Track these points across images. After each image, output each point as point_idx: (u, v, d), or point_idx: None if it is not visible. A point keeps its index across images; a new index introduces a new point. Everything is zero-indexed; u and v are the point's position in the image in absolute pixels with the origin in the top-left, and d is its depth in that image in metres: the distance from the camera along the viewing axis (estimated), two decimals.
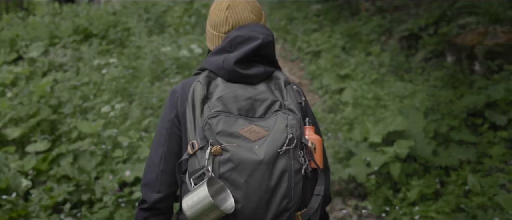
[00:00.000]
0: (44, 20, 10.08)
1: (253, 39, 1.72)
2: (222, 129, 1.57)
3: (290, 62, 9.33)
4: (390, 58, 7.72)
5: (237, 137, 1.57)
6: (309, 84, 8.06)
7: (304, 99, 1.80)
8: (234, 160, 1.54)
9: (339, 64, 8.05)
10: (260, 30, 1.76)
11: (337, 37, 9.29)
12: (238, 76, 1.70)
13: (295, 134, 1.60)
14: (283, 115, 1.63)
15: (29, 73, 7.54)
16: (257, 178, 1.54)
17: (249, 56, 1.72)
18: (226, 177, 1.55)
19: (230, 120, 1.60)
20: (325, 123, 6.24)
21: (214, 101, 1.64)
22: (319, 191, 1.69)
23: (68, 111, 5.94)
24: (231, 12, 1.83)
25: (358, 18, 10.28)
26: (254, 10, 1.88)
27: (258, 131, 1.59)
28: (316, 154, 1.68)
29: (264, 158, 1.54)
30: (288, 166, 1.57)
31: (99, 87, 6.67)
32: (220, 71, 1.72)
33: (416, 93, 6.10)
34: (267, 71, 1.76)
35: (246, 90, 1.68)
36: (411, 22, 8.37)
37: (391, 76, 7.26)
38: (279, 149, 1.56)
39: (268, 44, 1.75)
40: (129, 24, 9.48)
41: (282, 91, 1.73)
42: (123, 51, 8.17)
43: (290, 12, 12.40)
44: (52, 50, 8.37)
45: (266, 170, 1.54)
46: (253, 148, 1.56)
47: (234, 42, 1.74)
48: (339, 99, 6.83)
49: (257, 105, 1.66)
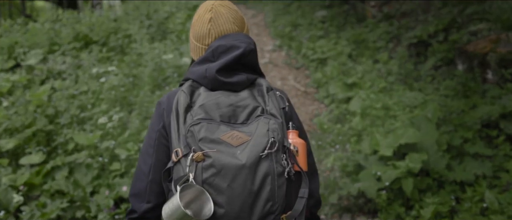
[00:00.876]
0: (44, 26, 9.88)
1: (235, 48, 1.75)
2: (204, 135, 1.59)
3: (295, 69, 9.10)
4: (399, 66, 7.48)
5: (219, 143, 1.58)
6: (314, 92, 7.82)
7: (288, 104, 1.81)
8: (216, 166, 1.55)
9: (345, 72, 7.82)
10: (242, 39, 1.79)
11: (344, 44, 9.07)
12: (221, 84, 1.72)
13: (276, 137, 1.61)
14: (264, 120, 1.64)
15: (27, 81, 7.34)
16: (240, 182, 1.55)
17: (232, 65, 1.74)
18: (209, 183, 1.55)
19: (212, 126, 1.61)
20: (332, 134, 6.01)
21: (197, 109, 1.66)
22: (303, 194, 1.68)
23: (65, 121, 5.72)
24: (214, 25, 1.86)
25: (364, 24, 10.06)
26: (237, 21, 1.90)
27: (240, 136, 1.60)
28: (299, 157, 1.69)
29: (246, 162, 1.55)
30: (271, 169, 1.58)
31: (98, 96, 6.45)
32: (203, 80, 1.74)
33: (427, 103, 5.85)
34: (250, 78, 1.77)
35: (228, 97, 1.70)
36: (419, 28, 8.13)
37: (400, 85, 7.02)
38: (261, 152, 1.57)
39: (250, 53, 1.77)
40: (131, 31, 9.28)
41: (264, 97, 1.74)
42: (123, 59, 7.95)
43: (295, 19, 12.19)
44: (51, 58, 8.16)
45: (248, 174, 1.55)
46: (235, 153, 1.57)
47: (216, 51, 1.77)
48: (347, 109, 6.60)
49: (239, 111, 1.68)
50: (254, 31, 12.37)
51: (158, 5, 11.48)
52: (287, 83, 8.36)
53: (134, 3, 11.96)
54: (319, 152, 5.67)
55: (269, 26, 12.70)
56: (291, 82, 8.40)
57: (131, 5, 11.74)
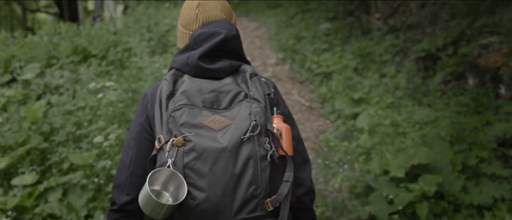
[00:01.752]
0: (43, 39, 9.66)
1: (216, 34, 1.76)
2: (186, 120, 1.58)
3: (299, 84, 8.86)
4: (406, 80, 7.24)
5: (200, 128, 1.57)
6: (320, 107, 7.58)
7: (273, 90, 1.80)
8: (197, 150, 1.54)
9: (351, 87, 7.58)
10: (223, 25, 1.80)
11: (349, 58, 8.84)
12: (203, 71, 1.72)
13: (259, 121, 1.60)
14: (247, 103, 1.64)
15: (23, 97, 7.11)
16: (221, 166, 1.53)
17: (214, 51, 1.75)
18: (191, 167, 1.54)
19: (194, 112, 1.61)
20: (339, 152, 5.76)
21: (179, 95, 1.66)
22: (288, 177, 1.65)
23: (61, 139, 5.47)
24: (202, 10, 1.87)
25: (369, 37, 9.83)
26: (224, 9, 1.91)
27: (222, 120, 1.60)
28: (284, 141, 1.68)
29: (227, 145, 1.54)
30: (253, 152, 1.56)
31: (95, 112, 6.21)
32: (185, 68, 1.74)
33: (438, 119, 5.61)
34: (233, 65, 1.77)
35: (211, 83, 1.70)
36: (427, 41, 7.90)
37: (408, 100, 6.78)
38: (243, 136, 1.56)
39: (233, 38, 1.78)
40: (131, 44, 9.05)
41: (248, 82, 1.73)
42: (122, 73, 7.72)
43: (298, 31, 11.97)
44: (49, 72, 7.94)
45: (229, 157, 1.54)
46: (216, 137, 1.56)
47: (198, 39, 1.78)
48: (354, 125, 6.35)
49: (221, 96, 1.67)
50: (257, 44, 12.16)
51: (159, 18, 11.27)
52: (291, 98, 8.12)
53: (135, 15, 11.76)
54: (325, 171, 5.41)
55: (272, 38, 12.49)
56: (295, 96, 8.16)
57: (132, 18, 11.53)
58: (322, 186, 5.13)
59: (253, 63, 10.22)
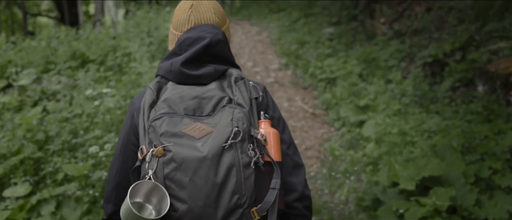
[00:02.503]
0: (41, 44, 9.47)
1: (201, 39, 1.71)
2: (166, 130, 1.53)
3: (303, 89, 8.65)
4: (413, 87, 7.03)
5: (180, 137, 1.52)
6: (324, 114, 7.37)
7: (262, 94, 1.73)
8: (176, 160, 1.49)
9: (356, 93, 7.37)
10: (209, 29, 1.76)
11: (353, 63, 8.63)
12: (187, 77, 1.67)
13: (241, 127, 1.53)
14: (229, 109, 1.58)
15: (19, 103, 6.91)
16: (202, 175, 1.47)
17: (198, 56, 1.70)
18: (171, 178, 1.49)
19: (174, 120, 1.56)
20: (345, 162, 5.54)
21: (160, 103, 1.62)
22: (274, 184, 1.58)
23: (55, 147, 5.27)
24: (194, 11, 1.84)
25: (374, 42, 9.63)
26: (218, 13, 1.87)
27: (203, 128, 1.54)
28: (270, 147, 1.61)
29: (207, 154, 1.48)
30: (235, 160, 1.50)
31: (92, 119, 6.01)
32: (169, 75, 1.70)
33: (448, 128, 5.40)
34: (218, 69, 1.71)
35: (193, 89, 1.65)
36: (434, 47, 7.69)
37: (416, 107, 6.56)
38: (224, 143, 1.49)
39: (218, 43, 1.73)
40: (130, 49, 8.85)
41: (232, 87, 1.67)
42: (121, 78, 7.52)
43: (301, 36, 11.77)
44: (46, 77, 7.74)
45: (210, 166, 1.48)
46: (196, 146, 1.50)
47: (183, 44, 1.73)
48: (359, 133, 6.14)
49: (204, 103, 1.62)
50: (259, 49, 11.96)
51: (160, 22, 11.07)
52: (294, 104, 7.92)
53: (135, 19, 11.57)
54: (331, 182, 5.20)
55: (275, 43, 12.28)
56: (298, 103, 7.96)
57: (132, 22, 11.34)
58: (328, 198, 4.92)
59: (255, 69, 10.02)
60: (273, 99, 1.83)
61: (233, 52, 11.66)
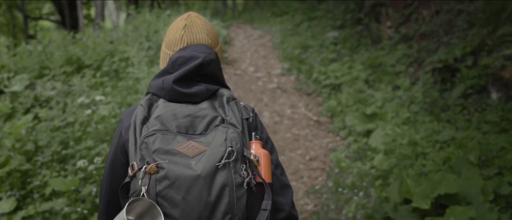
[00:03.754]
0: (36, 48, 9.18)
1: (194, 58, 1.71)
2: (159, 147, 1.51)
3: (306, 96, 8.33)
4: (422, 94, 6.71)
5: (174, 154, 1.50)
6: (329, 122, 7.05)
7: (252, 115, 1.74)
8: (170, 177, 1.46)
9: (363, 100, 7.05)
10: (201, 49, 1.76)
11: (359, 68, 8.31)
12: (179, 95, 1.67)
13: (235, 147, 1.52)
14: (223, 129, 1.57)
15: (10, 110, 6.62)
16: (195, 194, 1.45)
17: (190, 75, 1.70)
18: (163, 195, 1.46)
19: (167, 137, 1.54)
20: (352, 175, 5.23)
21: (152, 120, 1.60)
22: (266, 205, 1.57)
23: (45, 159, 4.97)
24: (187, 32, 1.84)
25: (380, 46, 9.31)
26: (210, 34, 1.88)
27: (196, 146, 1.53)
28: (261, 168, 1.60)
29: (201, 173, 1.45)
30: (229, 180, 1.48)
31: (85, 128, 5.71)
32: (161, 92, 1.70)
33: (461, 139, 5.07)
34: (210, 89, 1.72)
35: (186, 108, 1.64)
36: (443, 51, 7.37)
37: (426, 115, 6.24)
38: (218, 162, 1.48)
39: (211, 63, 1.73)
40: (128, 54, 8.55)
41: (224, 107, 1.67)
42: (118, 84, 7.22)
43: (304, 40, 11.46)
44: (39, 83, 7.45)
45: (204, 185, 1.45)
46: (190, 164, 1.48)
47: (176, 63, 1.73)
48: (367, 143, 5.82)
49: (197, 122, 1.61)
50: (261, 53, 11.65)
51: (159, 26, 10.76)
52: (297, 111, 7.60)
53: (134, 23, 11.27)
54: (337, 197, 4.88)
55: (277, 48, 11.97)
56: (302, 110, 7.64)
57: (130, 26, 11.04)
58: (334, 214, 4.60)
59: (257, 74, 9.71)
60: (261, 121, 1.83)
61: (235, 56, 11.38)
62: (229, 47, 12.56)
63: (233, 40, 13.46)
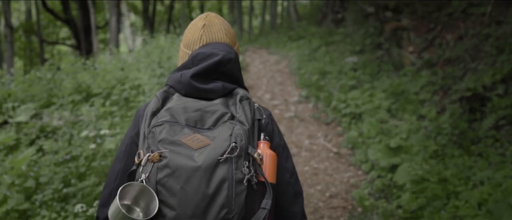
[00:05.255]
0: (45, 76, 8.91)
1: (213, 55, 1.71)
2: (165, 137, 1.53)
3: (325, 125, 7.93)
4: (450, 124, 6.27)
5: (178, 145, 1.51)
6: (349, 154, 6.63)
7: (266, 118, 1.73)
8: (171, 166, 1.48)
9: (386, 131, 6.63)
10: (221, 47, 1.75)
11: (380, 96, 7.90)
12: (195, 90, 1.67)
13: (239, 143, 1.51)
14: (229, 124, 1.57)
15: (15, 141, 6.31)
16: (193, 185, 1.46)
17: (208, 72, 1.70)
18: (163, 184, 1.49)
19: (174, 129, 1.56)
20: (377, 215, 4.79)
21: (163, 112, 1.62)
22: (265, 204, 1.56)
23: (45, 198, 4.62)
24: (206, 31, 1.84)
25: (402, 73, 8.90)
26: (229, 33, 1.88)
27: (201, 139, 1.53)
28: (265, 167, 1.58)
29: (202, 165, 1.47)
30: (229, 175, 1.48)
31: (90, 163, 5.37)
32: (178, 85, 1.70)
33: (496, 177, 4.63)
34: (227, 87, 1.71)
35: (198, 102, 1.64)
36: (472, 79, 6.94)
37: (454, 148, 5.80)
38: (220, 156, 1.48)
39: (230, 61, 1.72)
40: (139, 81, 8.24)
41: (237, 105, 1.66)
42: (127, 114, 6.88)
43: (322, 66, 11.10)
44: (46, 113, 7.14)
45: (203, 177, 1.46)
46: (192, 156, 1.49)
47: (196, 59, 1.73)
48: (392, 179, 5.40)
49: (206, 116, 1.61)
50: (278, 79, 11.29)
51: (173, 52, 10.47)
52: (316, 142, 7.20)
53: (146, 49, 11.00)
54: None
55: (294, 73, 11.62)
56: (321, 140, 7.24)
57: (143, 52, 10.76)
58: None
59: (273, 101, 9.34)
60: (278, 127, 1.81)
61: (251, 83, 11.02)
62: (245, 73, 12.23)
63: (248, 66, 13.14)
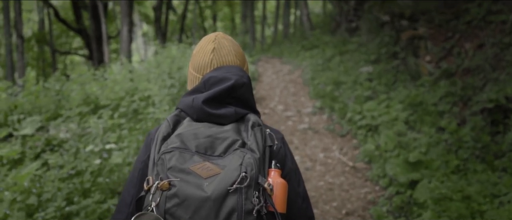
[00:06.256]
0: (54, 86, 8.74)
1: (226, 80, 1.69)
2: (174, 164, 1.51)
3: (340, 137, 7.67)
4: (472, 137, 5.98)
5: (188, 173, 1.49)
6: (366, 169, 6.36)
7: (278, 143, 1.70)
8: (180, 196, 1.46)
9: (404, 144, 6.35)
10: (234, 71, 1.74)
11: (397, 108, 7.62)
12: (206, 115, 1.66)
13: (249, 173, 1.48)
14: (240, 153, 1.53)
15: (20, 155, 6.12)
16: (202, 215, 1.44)
17: (221, 97, 1.68)
18: (171, 213, 1.47)
19: (184, 156, 1.54)
20: None
21: (173, 138, 1.60)
22: None
23: (47, 216, 4.41)
24: (216, 55, 1.82)
25: (419, 83, 8.61)
26: (238, 54, 1.86)
27: (211, 168, 1.50)
28: (275, 197, 1.55)
29: (211, 195, 1.44)
30: (238, 205, 1.44)
31: (95, 178, 5.15)
32: (189, 110, 1.70)
33: None
34: (239, 112, 1.69)
35: (209, 128, 1.62)
36: (493, 90, 6.65)
37: (477, 163, 5.51)
38: (229, 186, 1.44)
39: (242, 86, 1.71)
40: (149, 92, 8.04)
41: (248, 132, 1.63)
42: (136, 126, 6.67)
43: (337, 76, 10.84)
44: (53, 125, 6.95)
45: (212, 207, 1.44)
46: (202, 185, 1.47)
47: (208, 83, 1.71)
48: (412, 196, 5.12)
49: (217, 143, 1.58)
50: (291, 90, 11.05)
51: (184, 62, 10.26)
52: (331, 156, 6.93)
53: (157, 59, 10.81)
54: None
55: (308, 84, 11.37)
56: (336, 154, 6.97)
57: (154, 62, 10.58)
58: None
59: (287, 113, 9.10)
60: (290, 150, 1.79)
61: (263, 93, 10.79)
62: (257, 83, 12.01)
63: (261, 76, 12.92)
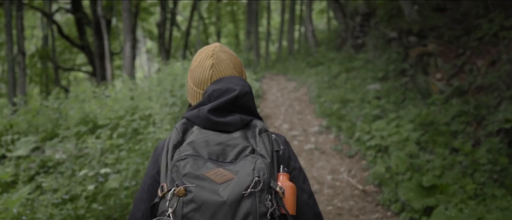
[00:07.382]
0: (52, 104, 8.47)
1: (231, 90, 1.73)
2: (189, 171, 1.54)
3: (348, 158, 7.35)
4: (489, 160, 5.66)
5: (202, 179, 1.52)
6: (376, 192, 6.03)
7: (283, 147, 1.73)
8: (196, 201, 1.49)
9: (417, 167, 6.03)
10: (237, 82, 1.77)
11: (408, 127, 7.30)
12: (213, 124, 1.68)
13: (262, 177, 1.52)
14: (252, 159, 1.58)
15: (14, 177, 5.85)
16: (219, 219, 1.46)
17: (226, 106, 1.71)
18: (189, 218, 1.50)
19: (198, 163, 1.57)
20: None
21: (185, 146, 1.63)
22: None
23: None
24: (216, 70, 1.83)
25: (430, 101, 8.31)
26: (237, 66, 1.88)
27: (225, 174, 1.54)
28: (286, 200, 1.59)
29: (227, 200, 1.48)
30: (253, 209, 1.48)
31: (90, 204, 4.86)
32: (196, 120, 1.71)
33: None
34: (244, 119, 1.72)
35: (219, 136, 1.65)
36: (510, 109, 6.34)
37: (495, 188, 5.19)
38: (244, 191, 1.49)
39: (246, 95, 1.75)
40: (150, 110, 7.75)
41: (256, 138, 1.67)
42: (135, 148, 6.37)
43: (343, 93, 10.54)
44: (48, 145, 6.67)
45: (228, 211, 1.48)
46: (217, 190, 1.50)
47: (212, 96, 1.75)
48: None
49: (228, 150, 1.62)
50: (296, 108, 10.75)
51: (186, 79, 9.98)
52: (339, 178, 6.62)
53: (159, 76, 10.54)
54: None
55: (314, 101, 11.07)
56: (344, 176, 6.65)
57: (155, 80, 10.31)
58: None
59: (292, 132, 8.79)
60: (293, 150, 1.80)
61: (268, 112, 10.46)
62: (262, 101, 11.72)
63: (266, 93, 12.63)
